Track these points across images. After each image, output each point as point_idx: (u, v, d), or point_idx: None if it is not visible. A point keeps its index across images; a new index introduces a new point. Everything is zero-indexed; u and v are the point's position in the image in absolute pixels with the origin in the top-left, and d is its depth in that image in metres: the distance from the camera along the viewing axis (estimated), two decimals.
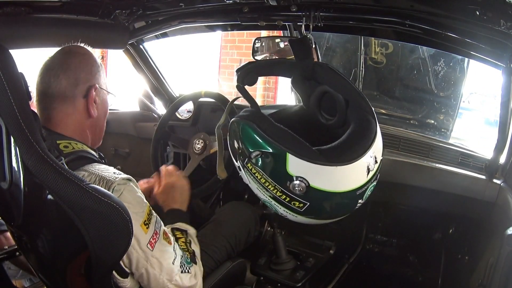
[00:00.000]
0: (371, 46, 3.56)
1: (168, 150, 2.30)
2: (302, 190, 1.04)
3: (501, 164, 1.52)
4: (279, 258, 1.70)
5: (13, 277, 1.87)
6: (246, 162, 1.10)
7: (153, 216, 1.08)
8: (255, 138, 1.07)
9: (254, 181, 1.12)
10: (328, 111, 1.32)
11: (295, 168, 1.03)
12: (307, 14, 1.32)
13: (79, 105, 1.14)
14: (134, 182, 1.06)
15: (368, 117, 1.17)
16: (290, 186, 1.05)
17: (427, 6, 1.20)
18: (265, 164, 1.07)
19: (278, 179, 1.07)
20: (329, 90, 1.27)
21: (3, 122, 0.87)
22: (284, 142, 1.04)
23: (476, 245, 1.65)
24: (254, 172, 1.10)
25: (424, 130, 3.29)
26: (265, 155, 1.06)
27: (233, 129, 1.16)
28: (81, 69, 1.14)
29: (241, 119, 1.13)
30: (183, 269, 1.13)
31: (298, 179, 1.03)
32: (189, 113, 2.17)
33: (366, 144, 1.10)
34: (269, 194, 1.11)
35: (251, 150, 1.07)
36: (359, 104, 1.21)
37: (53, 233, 1.00)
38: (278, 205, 1.13)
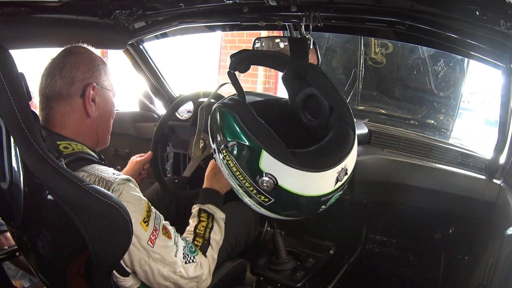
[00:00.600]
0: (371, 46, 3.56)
1: (168, 150, 2.30)
2: (270, 186, 1.07)
3: (501, 164, 1.52)
4: (279, 258, 1.70)
5: (13, 277, 1.87)
6: (222, 148, 1.13)
7: (152, 213, 1.09)
8: (234, 128, 1.10)
9: (226, 167, 1.15)
10: (311, 113, 1.35)
11: (267, 165, 1.06)
12: (307, 14, 1.32)
13: (76, 104, 1.13)
14: (133, 182, 1.06)
15: (348, 129, 1.21)
16: (259, 181, 1.08)
17: (427, 6, 1.20)
18: (239, 155, 1.10)
19: (249, 172, 1.10)
20: (316, 94, 1.30)
21: (3, 122, 0.87)
22: (262, 138, 1.07)
23: (476, 245, 1.65)
24: (228, 159, 1.12)
25: (424, 130, 3.30)
26: (240, 146, 1.09)
27: (215, 114, 1.18)
28: (77, 68, 1.12)
29: (225, 106, 1.15)
30: (187, 259, 1.14)
31: (268, 175, 1.07)
32: (189, 113, 2.16)
33: (340, 156, 1.13)
34: (238, 183, 1.14)
35: (228, 139, 1.10)
36: (343, 115, 1.24)
37: (53, 233, 1.00)
38: (244, 195, 1.16)
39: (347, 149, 1.16)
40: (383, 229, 2.09)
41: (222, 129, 1.13)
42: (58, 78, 1.11)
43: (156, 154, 1.91)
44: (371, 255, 2.09)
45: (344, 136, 1.19)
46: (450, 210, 1.70)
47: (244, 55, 1.28)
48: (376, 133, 1.80)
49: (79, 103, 1.13)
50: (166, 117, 1.95)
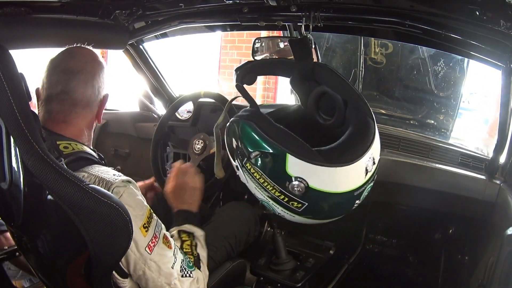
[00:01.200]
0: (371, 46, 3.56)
1: (168, 150, 2.30)
2: (301, 190, 1.04)
3: (501, 164, 1.52)
4: (279, 258, 1.70)
5: (13, 277, 1.87)
6: (244, 162, 1.10)
7: (153, 220, 1.08)
8: (254, 138, 1.07)
9: (253, 180, 1.12)
10: (326, 111, 1.32)
11: (294, 168, 1.04)
12: (307, 14, 1.32)
13: (95, 111, 1.19)
14: (134, 184, 1.06)
15: (367, 118, 1.18)
16: (289, 187, 1.05)
17: (427, 6, 1.20)
18: (264, 164, 1.07)
19: (277, 179, 1.07)
20: (328, 91, 1.27)
21: (3, 122, 0.87)
22: (284, 143, 1.04)
23: (476, 245, 1.65)
24: (253, 172, 1.09)
25: (424, 130, 3.29)
26: (264, 155, 1.06)
27: (232, 129, 1.15)
28: (102, 79, 1.19)
29: (241, 118, 1.12)
30: (184, 273, 1.12)
31: (297, 179, 1.03)
32: (189, 113, 2.16)
33: (365, 145, 1.10)
34: (267, 194, 1.11)
35: (250, 150, 1.07)
36: (358, 106, 1.21)
37: (53, 234, 1.00)
38: (276, 205, 1.13)
39: (370, 138, 1.13)
40: (383, 229, 2.09)
41: (242, 142, 1.10)
42: (91, 86, 1.15)
43: (156, 154, 1.91)
44: (371, 255, 2.09)
45: (364, 126, 1.15)
46: (450, 210, 1.70)
47: (248, 67, 1.27)
48: None
49: (96, 109, 1.20)
50: (166, 117, 1.95)
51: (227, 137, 1.20)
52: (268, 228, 2.00)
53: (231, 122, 1.16)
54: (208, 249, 1.44)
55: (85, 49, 1.19)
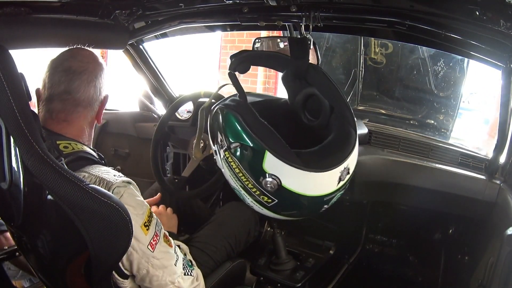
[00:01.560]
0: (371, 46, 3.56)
1: (168, 150, 2.30)
2: (273, 187, 1.07)
3: (501, 164, 1.52)
4: (279, 258, 1.70)
5: (13, 277, 1.87)
6: (224, 149, 1.12)
7: (153, 219, 1.09)
8: (238, 130, 1.09)
9: (228, 168, 1.14)
10: (312, 112, 1.35)
11: (271, 166, 1.06)
12: (306, 14, 1.32)
13: (95, 111, 1.20)
14: (134, 185, 1.06)
15: (350, 129, 1.21)
16: (263, 182, 1.08)
17: (427, 6, 1.20)
18: (243, 156, 1.09)
19: (252, 173, 1.09)
20: (317, 94, 1.30)
21: (3, 122, 0.87)
22: (265, 139, 1.06)
23: (476, 245, 1.65)
24: (230, 161, 1.11)
25: (424, 130, 3.29)
26: (244, 148, 1.08)
27: (217, 115, 1.17)
28: (103, 79, 1.19)
29: (227, 108, 1.14)
30: (186, 271, 1.14)
31: (272, 176, 1.06)
32: (189, 113, 2.16)
33: (343, 155, 1.13)
34: (240, 184, 1.13)
35: (231, 140, 1.09)
36: (344, 114, 1.24)
37: (53, 234, 1.00)
38: (246, 195, 1.16)
39: (349, 148, 1.16)
40: (383, 229, 2.09)
41: (224, 131, 1.12)
42: (93, 86, 1.16)
43: (156, 154, 1.91)
44: (371, 255, 2.09)
45: (346, 136, 1.19)
46: (450, 210, 1.69)
47: (244, 56, 1.28)
48: (376, 133, 1.80)
49: (97, 111, 1.20)
50: (166, 117, 1.95)
51: (211, 121, 1.21)
52: (268, 228, 2.00)
53: (217, 108, 1.17)
54: (208, 249, 1.45)
55: (86, 50, 1.20)
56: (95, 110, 1.20)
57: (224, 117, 1.13)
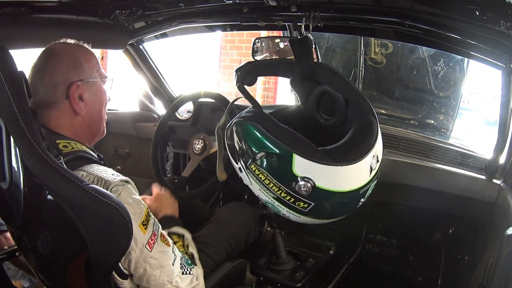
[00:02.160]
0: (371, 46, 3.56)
1: (168, 150, 2.30)
2: (308, 190, 1.03)
3: (501, 164, 1.52)
4: (279, 258, 1.70)
5: (13, 277, 1.87)
6: (249, 163, 1.09)
7: (151, 218, 1.08)
8: (260, 139, 1.06)
9: (257, 182, 1.11)
10: (327, 111, 1.32)
11: (301, 168, 1.03)
12: (306, 14, 1.31)
13: (64, 107, 1.11)
14: (132, 184, 1.06)
15: (370, 117, 1.18)
16: (296, 187, 1.04)
17: (427, 6, 1.20)
18: (270, 165, 1.06)
19: (283, 180, 1.06)
20: (329, 90, 1.27)
21: (3, 122, 0.87)
22: (290, 143, 1.04)
23: (476, 245, 1.65)
24: (258, 173, 1.08)
25: (424, 130, 3.29)
26: (270, 156, 1.05)
27: (235, 130, 1.14)
28: (57, 70, 1.10)
29: (245, 119, 1.11)
30: (184, 270, 1.13)
31: (304, 179, 1.03)
32: (189, 113, 2.17)
33: (369, 143, 1.10)
34: (273, 195, 1.10)
35: (255, 151, 1.06)
36: (360, 104, 1.21)
37: (53, 234, 1.00)
38: (281, 206, 1.12)
39: (373, 136, 1.13)
40: (383, 229, 2.09)
41: (246, 143, 1.09)
42: (40, 86, 1.09)
43: (156, 154, 1.91)
44: (371, 255, 2.09)
45: (368, 124, 1.15)
46: (450, 210, 1.69)
47: (249, 67, 1.27)
48: None
49: (67, 105, 1.12)
50: (166, 117, 1.95)
51: (228, 139, 1.19)
52: (268, 228, 2.00)
53: (234, 123, 1.15)
54: (208, 249, 1.45)
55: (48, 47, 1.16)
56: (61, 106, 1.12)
57: (243, 130, 1.10)
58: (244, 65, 1.29)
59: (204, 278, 1.26)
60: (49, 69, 1.09)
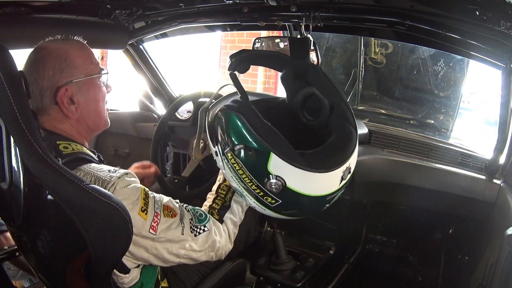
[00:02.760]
0: (371, 46, 3.56)
1: (168, 150, 2.30)
2: (278, 188, 1.07)
3: (501, 164, 1.52)
4: (279, 258, 1.70)
5: (13, 277, 1.87)
6: (226, 151, 1.11)
7: (149, 199, 1.05)
8: (242, 132, 1.08)
9: (230, 170, 1.13)
10: (310, 112, 1.34)
11: (276, 167, 1.06)
12: (306, 14, 1.32)
13: (54, 112, 1.09)
14: (128, 175, 1.03)
15: (351, 128, 1.21)
16: (267, 183, 1.07)
17: (427, 6, 1.20)
18: (247, 158, 1.08)
19: (256, 174, 1.08)
20: (317, 93, 1.29)
21: (3, 122, 0.87)
22: (270, 141, 1.06)
23: (476, 245, 1.65)
24: (233, 162, 1.11)
25: (424, 130, 3.29)
26: (248, 149, 1.07)
27: (219, 117, 1.15)
28: (42, 76, 1.06)
29: (230, 109, 1.13)
30: (196, 232, 1.12)
31: (276, 178, 1.06)
32: (189, 113, 2.16)
33: (345, 155, 1.14)
34: (243, 186, 1.13)
35: (235, 142, 1.08)
36: (344, 114, 1.24)
37: (53, 233, 1.00)
38: (249, 197, 1.15)
39: (351, 148, 1.16)
40: (383, 229, 2.09)
41: (228, 132, 1.11)
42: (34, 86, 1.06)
43: (156, 154, 1.91)
44: (371, 255, 2.09)
45: (347, 136, 1.19)
46: (450, 210, 1.70)
47: (243, 56, 1.28)
48: (376, 133, 1.80)
49: (57, 110, 1.09)
50: (166, 117, 1.95)
51: (212, 122, 1.20)
52: (268, 228, 2.00)
53: (220, 110, 1.16)
54: None
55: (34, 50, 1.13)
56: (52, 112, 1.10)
57: (227, 119, 1.12)
58: (238, 52, 1.30)
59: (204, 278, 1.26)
60: (34, 76, 1.05)
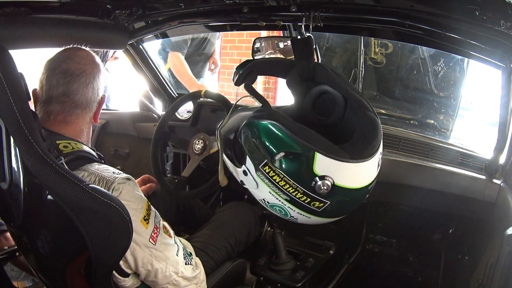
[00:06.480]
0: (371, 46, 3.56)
1: (168, 150, 2.30)
2: (327, 189, 1.02)
3: (501, 164, 1.52)
4: (279, 258, 1.70)
5: (16, 278, 1.87)
6: (262, 165, 1.06)
7: (151, 211, 1.09)
8: (281, 138, 1.03)
9: (268, 184, 1.08)
10: (322, 111, 1.32)
11: (322, 167, 1.02)
12: (307, 14, 1.31)
13: (94, 112, 1.21)
14: (133, 181, 1.07)
15: (373, 115, 1.18)
16: (315, 187, 1.03)
17: (427, 6, 1.20)
18: (289, 166, 1.04)
19: (301, 180, 1.04)
20: (329, 90, 1.28)
21: (3, 122, 0.87)
22: (312, 141, 1.02)
23: (476, 245, 1.65)
24: (272, 175, 1.05)
25: (424, 130, 3.29)
26: (289, 156, 1.02)
27: (244, 131, 1.10)
28: (100, 80, 1.20)
29: (259, 119, 1.07)
30: (186, 261, 1.15)
31: (324, 178, 1.02)
32: (189, 113, 2.17)
33: (379, 140, 1.12)
34: (285, 197, 1.08)
35: (274, 151, 1.03)
36: (362, 103, 1.21)
37: (53, 234, 1.00)
38: (292, 208, 1.10)
39: (380, 132, 1.14)
40: (383, 229, 2.09)
41: (263, 144, 1.04)
42: (91, 88, 1.17)
43: (156, 154, 1.91)
44: (371, 255, 2.09)
45: (372, 122, 1.16)
46: (450, 210, 1.70)
47: (249, 66, 1.27)
48: None
49: (94, 111, 1.22)
50: (166, 117, 1.95)
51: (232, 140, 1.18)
52: (268, 228, 2.00)
53: (246, 123, 1.10)
54: (208, 249, 1.45)
55: (83, 51, 1.19)
56: (93, 111, 1.21)
57: (260, 129, 1.05)
58: (244, 64, 1.29)
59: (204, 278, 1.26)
60: (96, 76, 1.18)
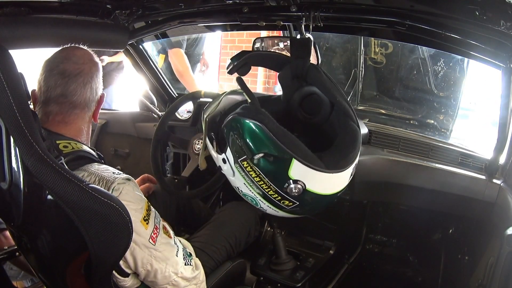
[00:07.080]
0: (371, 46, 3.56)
1: (168, 150, 2.30)
2: (298, 192, 1.08)
3: (501, 164, 1.52)
4: (279, 258, 1.70)
5: (14, 278, 1.87)
6: (241, 159, 1.10)
7: (151, 212, 1.10)
8: (263, 140, 1.06)
9: (245, 177, 1.13)
10: (308, 110, 1.36)
11: (296, 172, 1.06)
12: (306, 14, 1.32)
13: (93, 111, 1.21)
14: (133, 181, 1.07)
15: (354, 126, 1.23)
16: (287, 188, 1.08)
17: (427, 6, 1.20)
18: (266, 166, 1.08)
19: (275, 181, 1.09)
20: (318, 92, 1.31)
21: (3, 122, 0.87)
22: (292, 148, 1.06)
23: (476, 245, 1.65)
24: (249, 170, 1.10)
25: (424, 130, 3.28)
26: (268, 157, 1.07)
27: (232, 125, 1.13)
28: (98, 79, 1.20)
29: (245, 117, 1.10)
30: (186, 261, 1.16)
31: (297, 182, 1.07)
32: (188, 113, 2.17)
33: (356, 153, 1.17)
34: (258, 191, 1.13)
35: (254, 150, 1.07)
36: (346, 111, 1.25)
37: (52, 234, 1.00)
38: (263, 201, 1.16)
39: (358, 145, 1.19)
40: (383, 229, 2.09)
41: (245, 141, 1.08)
42: (89, 88, 1.16)
43: (156, 154, 1.91)
44: (371, 255, 2.09)
45: (353, 133, 1.21)
46: (450, 210, 1.70)
47: (245, 58, 1.28)
48: (376, 133, 1.80)
49: (93, 110, 1.22)
50: (166, 117, 1.95)
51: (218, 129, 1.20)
52: (268, 228, 2.00)
53: (233, 118, 1.13)
54: (208, 249, 1.45)
55: (81, 50, 1.19)
56: (92, 110, 1.21)
57: (244, 127, 1.09)
58: (239, 55, 1.29)
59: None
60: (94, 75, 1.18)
